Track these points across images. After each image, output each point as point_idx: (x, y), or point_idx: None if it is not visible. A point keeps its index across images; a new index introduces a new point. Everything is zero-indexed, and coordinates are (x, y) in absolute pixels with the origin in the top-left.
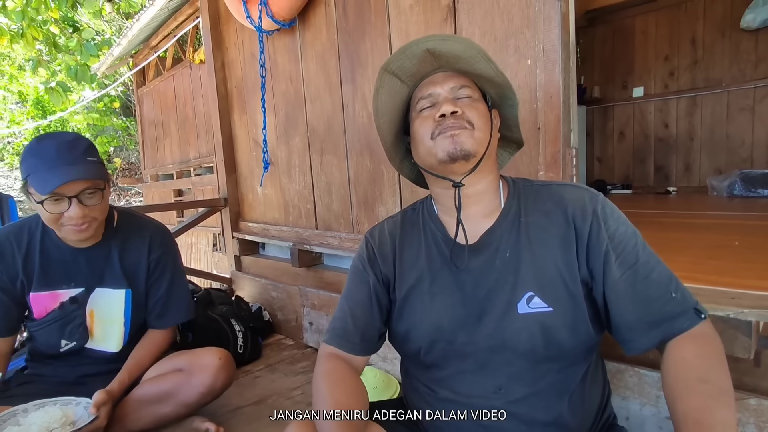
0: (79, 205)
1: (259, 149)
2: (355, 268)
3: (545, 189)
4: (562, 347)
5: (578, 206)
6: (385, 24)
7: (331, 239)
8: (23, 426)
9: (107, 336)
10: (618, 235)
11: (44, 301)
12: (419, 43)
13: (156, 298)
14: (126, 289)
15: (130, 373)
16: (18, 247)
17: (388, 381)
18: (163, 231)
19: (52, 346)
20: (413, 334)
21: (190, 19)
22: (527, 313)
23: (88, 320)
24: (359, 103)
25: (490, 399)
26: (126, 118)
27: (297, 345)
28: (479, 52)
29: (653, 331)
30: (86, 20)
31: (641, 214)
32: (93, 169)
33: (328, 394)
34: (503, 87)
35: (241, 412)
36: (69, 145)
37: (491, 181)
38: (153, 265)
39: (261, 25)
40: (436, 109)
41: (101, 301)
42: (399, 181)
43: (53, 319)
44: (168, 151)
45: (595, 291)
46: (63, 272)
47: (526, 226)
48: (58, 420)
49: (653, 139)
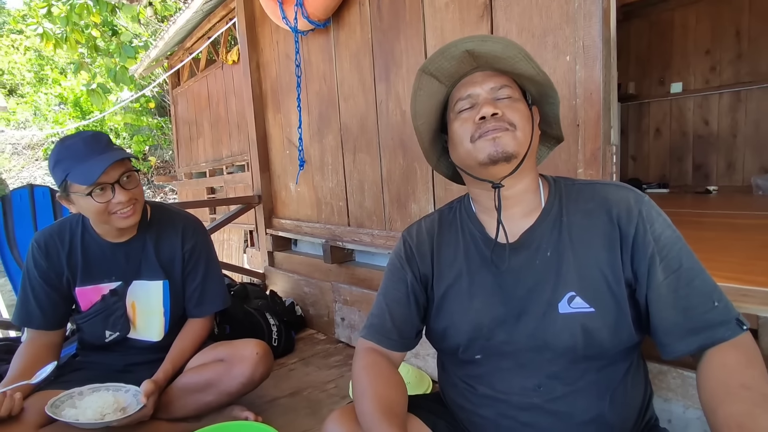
0: (121, 189)
1: (293, 148)
2: (393, 266)
3: (588, 188)
4: (603, 347)
5: (623, 207)
6: (420, 22)
7: (363, 236)
8: (79, 409)
9: (149, 326)
10: (663, 239)
11: (89, 294)
12: (458, 45)
13: (193, 288)
14: (163, 281)
15: (173, 362)
16: (62, 244)
17: (421, 377)
18: (195, 222)
19: (98, 337)
20: (451, 332)
21: (224, 21)
22: (568, 313)
23: (130, 311)
24: (393, 101)
25: (529, 396)
26: (161, 118)
27: (329, 340)
28: (520, 51)
29: (692, 338)
30: (124, 23)
31: (680, 213)
32: (122, 152)
33: (369, 386)
34: (544, 85)
35: (278, 403)
36: (93, 138)
37: (531, 180)
38: (187, 256)
39: (296, 26)
40: (475, 111)
41: (140, 293)
42: (432, 178)
43: (96, 312)
44: (201, 150)
45: (638, 293)
46: (103, 267)
47: (568, 226)
48: (111, 405)
49: (692, 136)
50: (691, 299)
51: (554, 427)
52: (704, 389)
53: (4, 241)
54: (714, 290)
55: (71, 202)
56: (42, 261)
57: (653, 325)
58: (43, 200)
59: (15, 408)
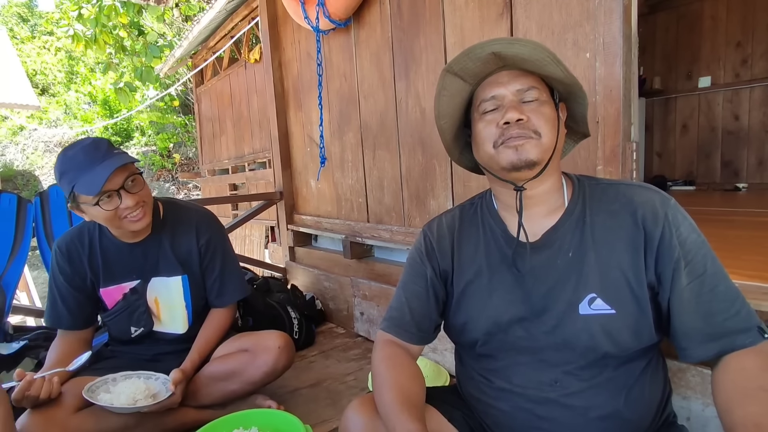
0: (127, 194)
1: (314, 145)
2: (413, 260)
3: (612, 189)
4: (622, 348)
5: (648, 209)
6: (440, 20)
7: (382, 232)
8: (113, 394)
9: (173, 319)
10: (689, 243)
11: (113, 294)
12: (484, 46)
13: (212, 280)
14: (182, 276)
15: (200, 352)
16: (82, 248)
17: (438, 371)
18: (208, 215)
19: (124, 333)
20: (470, 327)
21: (246, 20)
22: (588, 315)
23: (153, 307)
24: (412, 99)
25: (545, 391)
26: (184, 116)
27: (348, 334)
28: (548, 55)
29: (711, 344)
30: (150, 24)
31: (706, 211)
32: (123, 157)
33: (388, 377)
34: (573, 86)
35: (299, 393)
36: (93, 146)
37: (555, 180)
38: (203, 250)
39: (318, 25)
40: (500, 114)
41: (162, 289)
42: (451, 175)
43: (120, 310)
44: (224, 148)
45: (661, 297)
46: (123, 267)
47: (592, 227)
48: (143, 392)
49: (721, 132)
50: (714, 305)
51: (570, 421)
52: (721, 390)
53: (42, 236)
54: (737, 297)
55: (82, 212)
56: (66, 266)
57: (673, 328)
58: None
59: (54, 391)
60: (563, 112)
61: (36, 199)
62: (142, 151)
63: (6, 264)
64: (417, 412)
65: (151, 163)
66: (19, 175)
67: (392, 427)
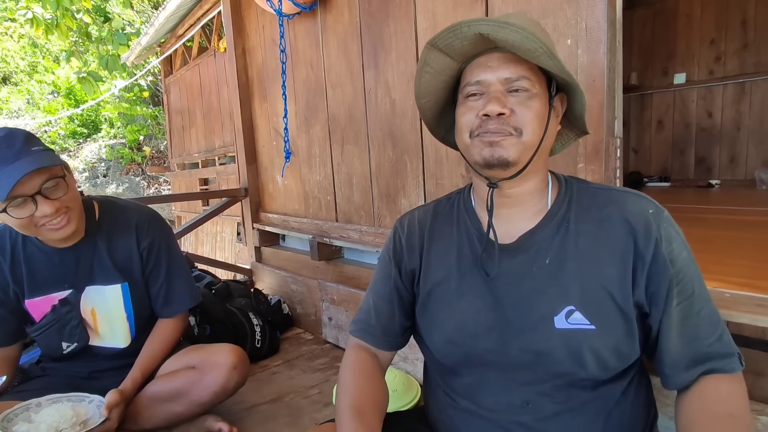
0: (45, 200)
1: (280, 138)
2: (382, 259)
3: (603, 194)
4: (601, 368)
5: (641, 221)
6: (411, 4)
7: (351, 232)
8: (33, 424)
9: (113, 332)
10: (680, 261)
11: (40, 306)
12: (471, 25)
13: (157, 287)
14: (122, 284)
15: (142, 369)
16: (3, 255)
17: (409, 383)
18: (150, 215)
19: (54, 350)
20: (434, 333)
21: (215, 6)
22: (565, 329)
23: (90, 318)
24: (382, 89)
25: (516, 414)
26: (155, 108)
27: (316, 340)
28: (541, 46)
29: (693, 369)
30: (117, 11)
31: (681, 209)
32: (42, 157)
33: (348, 383)
34: (569, 83)
35: (257, 410)
36: (4, 141)
37: (539, 180)
38: (146, 254)
39: (281, 9)
40: (482, 103)
41: (98, 299)
42: (423, 172)
43: (48, 323)
44: (194, 140)
45: (652, 317)
46: (52, 275)
47: (576, 234)
48: (69, 420)
49: (695, 128)
50: (699, 329)
51: None
52: (688, 411)
53: None
54: (719, 320)
55: None
56: None
57: (659, 352)
58: None
59: None
60: (562, 104)
61: None
62: (110, 144)
63: None
64: (369, 422)
65: (120, 157)
66: None
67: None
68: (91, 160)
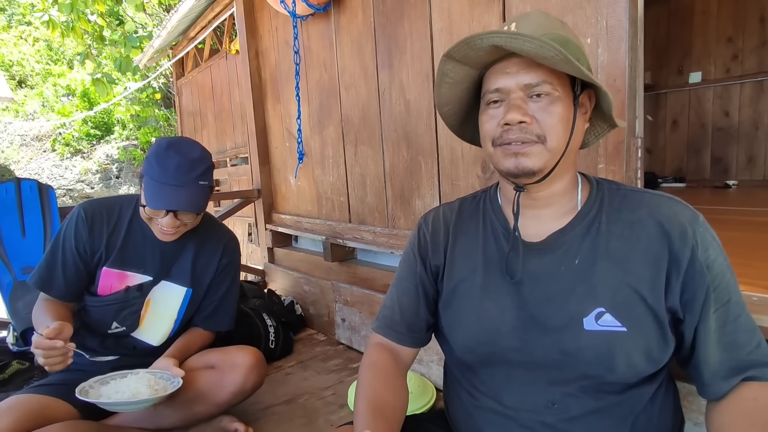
0: (173, 217)
1: (293, 140)
2: (406, 255)
3: (635, 196)
4: (633, 371)
5: (676, 225)
6: (426, 4)
7: (365, 233)
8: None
9: (155, 329)
10: (716, 267)
11: (112, 278)
12: (483, 38)
13: (210, 301)
14: (188, 288)
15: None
16: (108, 221)
17: (424, 386)
18: (236, 241)
19: (103, 326)
20: (458, 331)
21: (227, 8)
22: (595, 331)
23: (143, 309)
24: (396, 90)
25: (541, 414)
26: (167, 110)
27: (329, 341)
28: (557, 53)
29: (734, 378)
30: (130, 14)
31: (698, 210)
32: (198, 197)
33: (367, 384)
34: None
35: (272, 411)
36: (189, 166)
37: (567, 181)
38: (220, 270)
39: (295, 10)
40: (503, 110)
41: (161, 295)
42: (438, 173)
43: (114, 301)
44: (205, 142)
45: (687, 324)
46: (138, 256)
47: (607, 235)
48: (151, 386)
49: (711, 128)
50: (737, 336)
51: None
52: (723, 414)
53: None
54: (756, 328)
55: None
56: (83, 231)
57: (697, 360)
58: (30, 194)
59: None
60: (591, 100)
61: None
62: (122, 145)
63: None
64: (389, 424)
65: (132, 158)
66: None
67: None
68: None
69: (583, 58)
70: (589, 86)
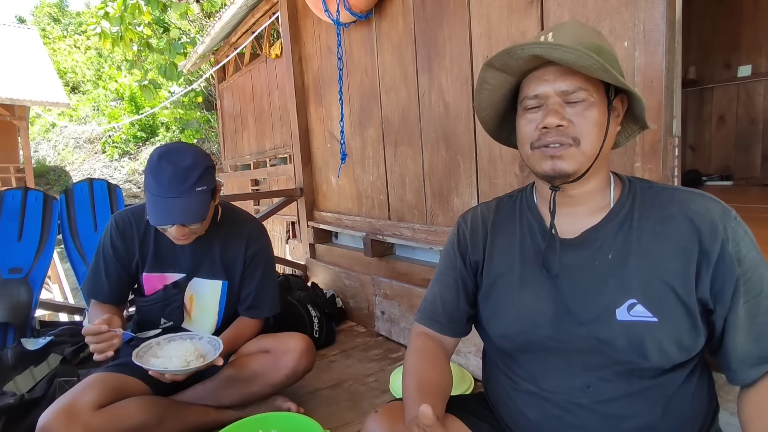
0: (180, 227)
1: (335, 141)
2: (446, 251)
3: (667, 193)
4: (664, 359)
5: (707, 220)
6: (465, 10)
7: (404, 230)
8: (162, 359)
9: (203, 321)
10: (748, 260)
11: (153, 281)
12: (525, 48)
13: (248, 291)
14: (223, 281)
15: (227, 341)
16: (137, 229)
17: (463, 375)
18: (261, 228)
19: (153, 322)
20: (497, 322)
21: (267, 15)
22: (627, 321)
23: (188, 304)
24: (435, 93)
25: (576, 396)
26: (208, 112)
27: (369, 332)
28: (595, 63)
29: (763, 366)
30: (174, 21)
31: (746, 208)
32: (197, 205)
33: (414, 367)
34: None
35: (319, 394)
36: (183, 175)
37: (601, 180)
38: (249, 260)
39: (338, 18)
40: (540, 115)
41: (199, 289)
42: (476, 172)
43: (157, 299)
44: (246, 143)
45: (717, 314)
46: (171, 258)
47: (639, 231)
48: (193, 353)
49: (762, 123)
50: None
51: (603, 430)
52: (754, 403)
53: (67, 232)
54: None
55: None
56: (117, 241)
57: (725, 349)
58: (101, 193)
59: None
60: (623, 104)
61: (61, 197)
62: None
63: (33, 260)
64: (434, 401)
65: None
66: (51, 171)
67: (408, 411)
68: None
69: (616, 65)
70: (622, 90)
